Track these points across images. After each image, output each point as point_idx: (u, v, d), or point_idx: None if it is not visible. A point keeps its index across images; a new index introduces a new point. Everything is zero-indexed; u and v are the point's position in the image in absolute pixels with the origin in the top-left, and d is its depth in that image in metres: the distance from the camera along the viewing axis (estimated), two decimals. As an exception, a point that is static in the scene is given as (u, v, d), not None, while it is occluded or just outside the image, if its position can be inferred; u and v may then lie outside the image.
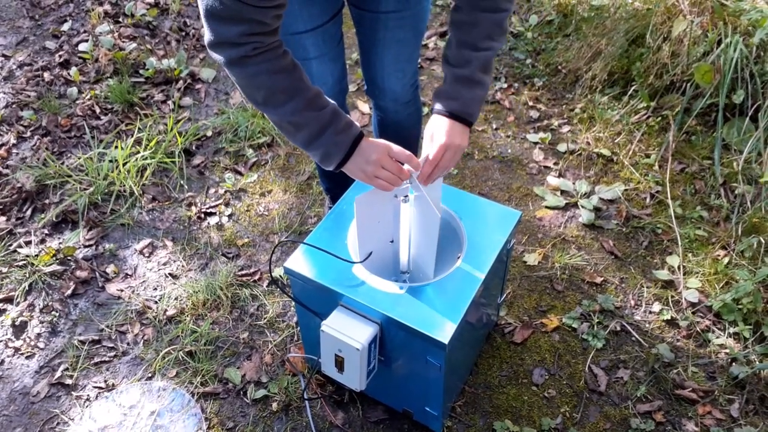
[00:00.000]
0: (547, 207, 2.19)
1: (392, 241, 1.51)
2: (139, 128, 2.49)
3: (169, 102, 2.68)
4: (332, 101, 1.27)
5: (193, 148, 2.46)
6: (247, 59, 1.15)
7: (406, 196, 1.38)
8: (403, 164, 1.30)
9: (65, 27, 3.13)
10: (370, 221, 1.39)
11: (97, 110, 2.63)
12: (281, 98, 1.21)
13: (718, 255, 1.98)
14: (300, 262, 1.43)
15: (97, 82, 2.79)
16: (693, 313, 1.85)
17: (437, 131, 1.33)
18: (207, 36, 1.15)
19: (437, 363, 1.33)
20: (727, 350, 1.75)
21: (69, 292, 1.96)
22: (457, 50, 1.32)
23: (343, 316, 1.36)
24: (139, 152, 2.36)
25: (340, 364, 1.38)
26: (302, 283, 1.42)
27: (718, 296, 1.86)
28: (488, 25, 1.29)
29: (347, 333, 1.33)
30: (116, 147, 2.36)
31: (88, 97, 2.69)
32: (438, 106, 1.35)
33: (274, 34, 1.17)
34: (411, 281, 1.54)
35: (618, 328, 1.82)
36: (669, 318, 1.84)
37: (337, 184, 1.97)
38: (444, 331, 1.27)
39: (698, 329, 1.81)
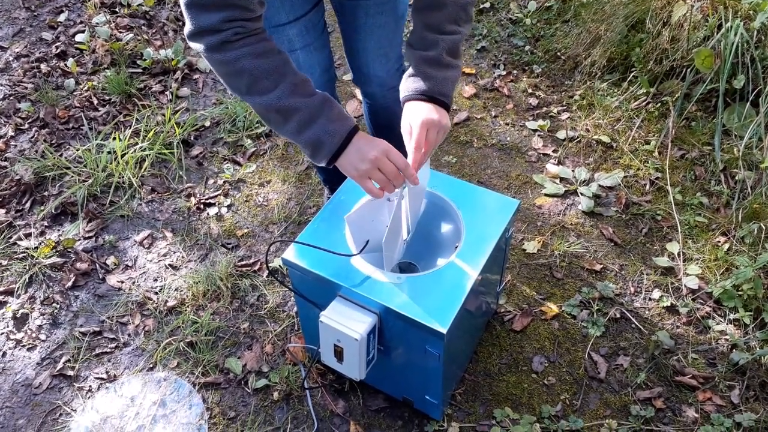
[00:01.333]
0: (546, 195, 2.18)
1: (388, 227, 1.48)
2: (137, 119, 2.48)
3: (167, 92, 2.67)
4: (322, 91, 1.23)
5: (192, 138, 2.46)
6: (228, 44, 1.12)
7: (402, 195, 1.36)
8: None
9: (62, 18, 3.12)
10: (364, 226, 1.38)
11: (95, 101, 2.62)
12: (266, 84, 1.16)
13: (719, 241, 1.98)
14: (298, 253, 1.42)
15: (94, 74, 2.78)
16: (693, 299, 1.85)
17: (414, 116, 1.25)
18: (187, 26, 1.12)
19: (436, 352, 1.33)
20: (728, 336, 1.76)
21: (69, 284, 1.97)
22: (422, 33, 1.27)
23: (341, 306, 1.36)
24: (137, 143, 2.35)
25: (339, 354, 1.38)
26: (300, 274, 1.42)
27: (718, 283, 1.86)
28: (454, 9, 1.26)
29: (346, 323, 1.33)
30: (114, 138, 2.36)
31: (86, 88, 2.68)
32: (408, 93, 1.27)
33: (257, 20, 1.14)
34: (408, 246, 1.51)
35: (618, 315, 1.82)
36: (669, 305, 1.84)
37: (334, 175, 1.96)
38: (442, 321, 1.27)
39: (698, 316, 1.81)
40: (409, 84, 1.29)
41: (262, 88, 1.16)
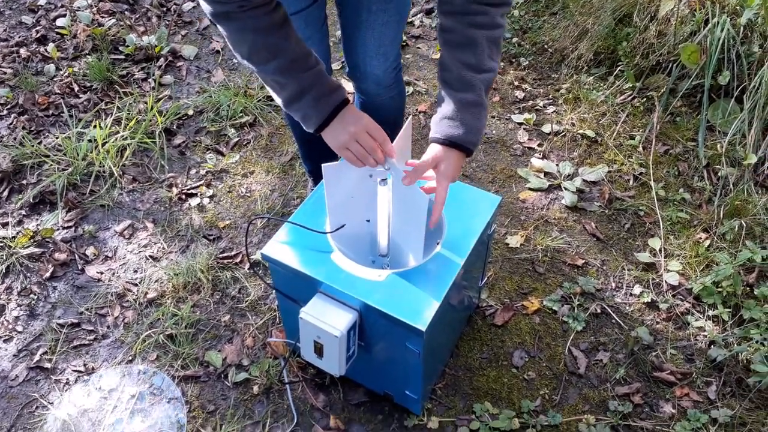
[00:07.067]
0: (530, 189, 2.18)
1: (368, 221, 1.50)
2: (118, 107, 2.44)
3: (150, 80, 2.63)
4: (320, 64, 1.26)
5: (174, 127, 2.42)
6: (233, 14, 1.16)
7: (384, 179, 1.36)
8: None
9: (42, 1, 3.05)
10: (341, 193, 1.38)
11: (76, 88, 2.57)
12: (264, 55, 1.21)
13: (700, 238, 1.99)
14: (278, 248, 1.41)
15: (75, 59, 2.73)
16: (673, 295, 1.86)
17: (445, 167, 1.27)
18: None
19: (416, 349, 1.33)
20: (706, 333, 1.77)
21: (47, 274, 1.94)
22: (460, 72, 1.24)
23: (321, 303, 1.36)
24: (118, 132, 2.31)
25: (319, 350, 1.38)
26: (281, 270, 1.40)
27: (698, 279, 1.87)
28: (487, 44, 1.23)
29: (326, 320, 1.32)
30: (95, 126, 2.32)
31: (66, 74, 2.63)
32: (440, 134, 1.27)
33: None
34: (391, 265, 1.53)
35: (598, 311, 1.83)
36: (649, 300, 1.85)
37: (319, 167, 1.94)
38: (422, 318, 1.27)
39: (678, 312, 1.82)
40: (444, 126, 1.27)
41: (260, 58, 1.21)
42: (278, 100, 1.29)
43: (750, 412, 1.61)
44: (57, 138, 2.34)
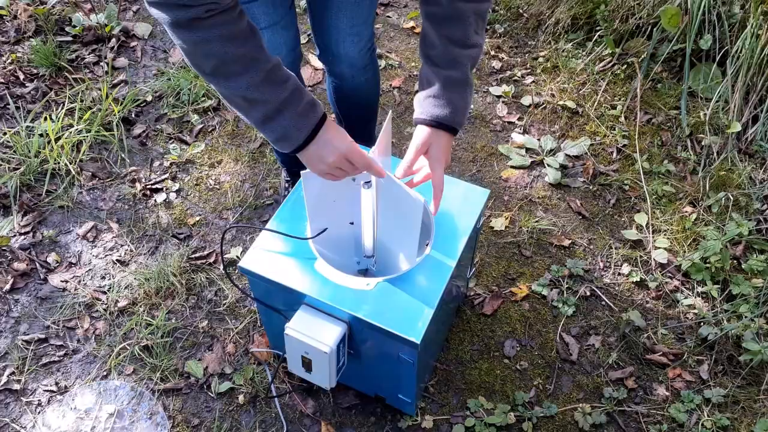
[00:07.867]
0: (512, 167, 2.11)
1: (352, 223, 1.42)
2: (69, 97, 2.27)
3: (102, 63, 2.44)
4: (292, 74, 1.12)
5: (133, 116, 2.26)
6: (199, 21, 0.99)
7: (368, 182, 1.27)
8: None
9: (-25, -23, 2.79)
10: (322, 199, 1.30)
11: (21, 76, 2.38)
12: (235, 69, 1.04)
13: (686, 212, 1.95)
14: (256, 259, 1.32)
15: (17, 43, 2.52)
16: (662, 273, 1.83)
17: (435, 151, 1.21)
18: None
19: (410, 360, 1.27)
20: (696, 311, 1.75)
21: (7, 287, 1.81)
22: (446, 48, 1.17)
23: (307, 316, 1.28)
24: (72, 125, 2.15)
25: (307, 365, 1.30)
26: (261, 282, 1.31)
27: (686, 255, 1.84)
28: (474, 18, 1.15)
29: (313, 335, 1.25)
30: (46, 119, 2.14)
31: (9, 61, 2.42)
32: (426, 115, 1.20)
33: None
34: (378, 266, 1.45)
35: (588, 293, 1.80)
36: (638, 280, 1.82)
37: (291, 155, 1.84)
38: (416, 329, 1.20)
39: (667, 290, 1.80)
40: (429, 106, 1.20)
41: (230, 72, 1.05)
42: (249, 119, 1.12)
43: (742, 389, 1.61)
44: (5, 134, 2.16)
